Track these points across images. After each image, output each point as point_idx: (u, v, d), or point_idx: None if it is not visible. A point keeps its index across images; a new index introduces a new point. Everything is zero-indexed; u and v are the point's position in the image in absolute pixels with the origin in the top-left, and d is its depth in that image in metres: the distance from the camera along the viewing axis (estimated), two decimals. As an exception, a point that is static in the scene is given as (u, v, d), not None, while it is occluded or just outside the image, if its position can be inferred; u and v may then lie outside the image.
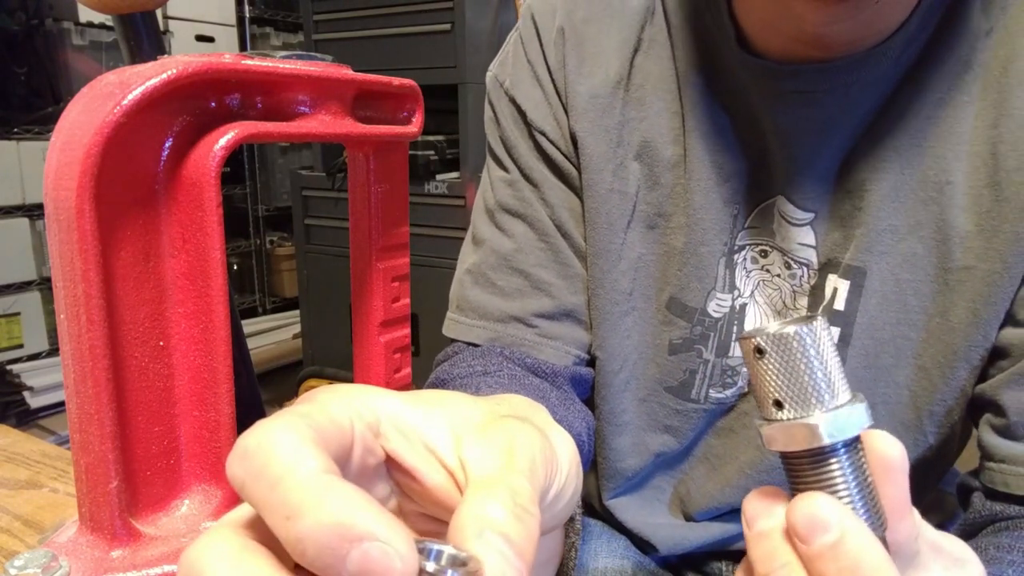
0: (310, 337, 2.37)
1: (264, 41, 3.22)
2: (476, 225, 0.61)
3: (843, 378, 0.25)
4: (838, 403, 0.24)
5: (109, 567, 0.33)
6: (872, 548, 0.23)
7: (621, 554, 0.62)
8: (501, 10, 1.99)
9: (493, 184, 0.60)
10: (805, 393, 0.24)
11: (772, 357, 0.24)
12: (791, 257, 0.54)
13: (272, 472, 0.19)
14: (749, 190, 0.54)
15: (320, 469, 0.19)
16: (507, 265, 0.57)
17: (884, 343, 0.51)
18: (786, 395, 0.25)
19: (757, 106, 0.51)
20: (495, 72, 0.61)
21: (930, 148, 0.48)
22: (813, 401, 0.24)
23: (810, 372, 0.24)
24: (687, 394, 0.57)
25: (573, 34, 0.56)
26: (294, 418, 0.20)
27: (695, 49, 0.54)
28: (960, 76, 0.48)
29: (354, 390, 0.24)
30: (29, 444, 0.60)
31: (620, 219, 0.55)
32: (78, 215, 0.31)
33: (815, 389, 0.24)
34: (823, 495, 0.24)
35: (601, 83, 0.55)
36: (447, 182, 1.97)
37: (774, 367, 0.25)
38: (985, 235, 0.47)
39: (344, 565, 0.18)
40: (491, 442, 0.23)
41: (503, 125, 0.59)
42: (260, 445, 0.19)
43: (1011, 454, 0.47)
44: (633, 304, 0.57)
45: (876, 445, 0.25)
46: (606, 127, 0.55)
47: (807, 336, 0.24)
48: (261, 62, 0.37)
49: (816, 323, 0.24)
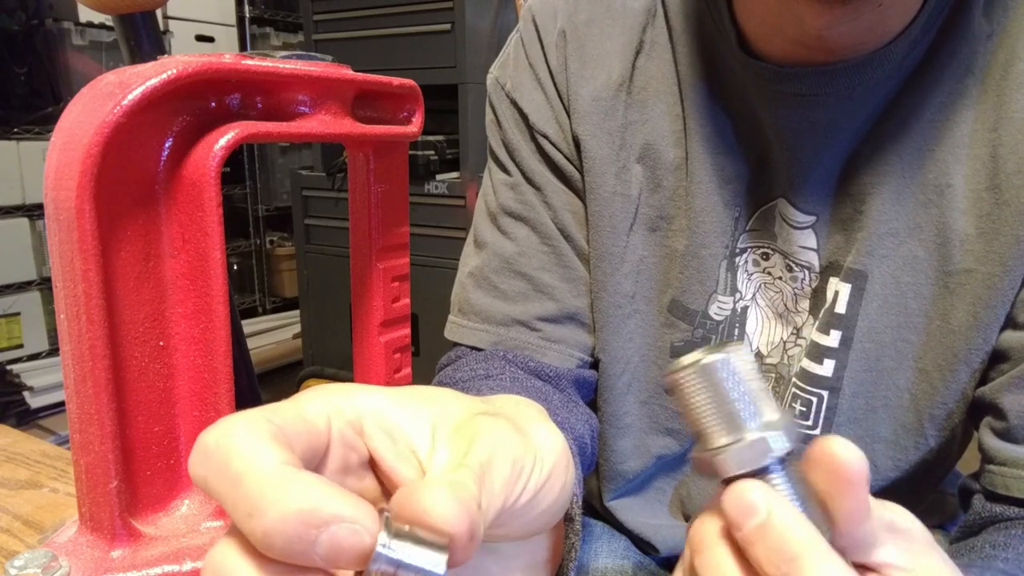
0: (310, 337, 2.37)
1: (264, 41, 3.21)
2: (478, 228, 0.61)
3: (767, 400, 0.25)
4: (754, 429, 0.24)
5: (109, 567, 0.33)
6: (799, 525, 0.23)
7: (622, 554, 0.62)
8: (501, 10, 1.98)
9: (495, 187, 0.60)
10: (725, 421, 0.24)
11: (688, 389, 0.25)
12: (793, 260, 0.53)
13: (232, 470, 0.19)
14: (750, 193, 0.54)
15: (278, 461, 0.19)
16: (510, 268, 0.57)
17: (885, 346, 0.51)
18: (708, 424, 0.25)
19: (758, 109, 0.51)
20: (496, 74, 0.61)
21: (931, 151, 0.48)
22: (733, 427, 0.24)
23: (727, 400, 0.24)
24: None
25: (575, 36, 0.56)
26: (254, 415, 0.20)
27: (696, 52, 0.54)
28: (961, 79, 0.48)
29: (338, 388, 0.24)
30: (29, 444, 0.60)
31: (623, 222, 0.55)
32: (78, 215, 0.31)
33: (733, 416, 0.24)
34: (752, 481, 0.24)
35: (603, 86, 0.55)
36: (447, 182, 1.97)
37: (693, 398, 0.25)
38: (985, 238, 0.47)
39: (314, 550, 0.18)
40: (455, 442, 0.24)
41: (505, 128, 0.59)
42: (219, 443, 0.19)
43: (1011, 457, 0.47)
44: (635, 307, 0.57)
45: (833, 452, 0.24)
46: (609, 130, 0.55)
47: (719, 367, 0.24)
48: (261, 62, 0.37)
49: (728, 351, 0.24)
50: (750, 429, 0.24)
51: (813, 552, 0.23)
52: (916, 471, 0.54)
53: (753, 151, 0.53)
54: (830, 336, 0.52)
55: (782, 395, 0.56)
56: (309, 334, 2.37)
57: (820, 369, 0.53)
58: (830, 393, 0.52)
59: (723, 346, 0.25)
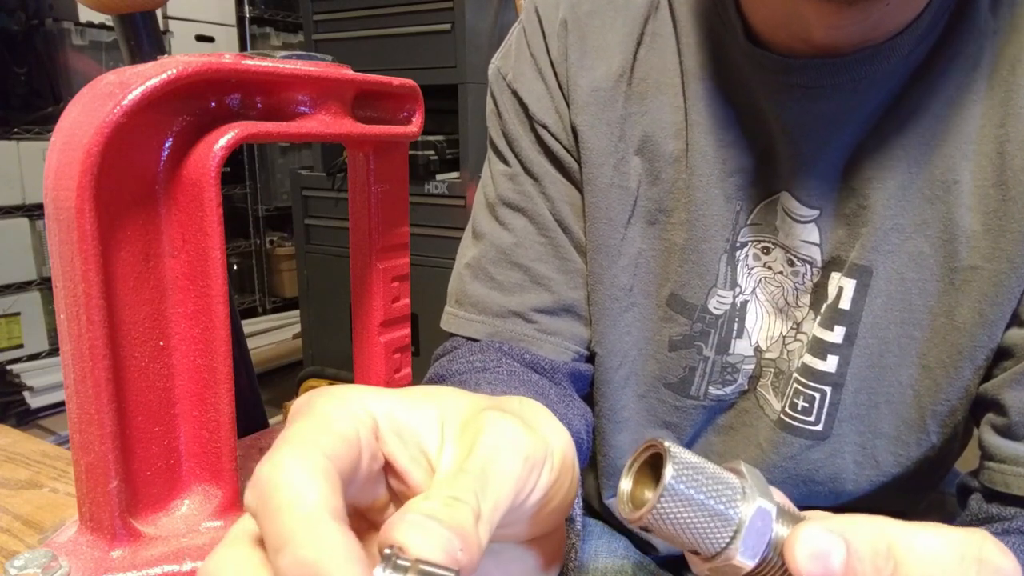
0: (310, 337, 2.37)
1: (264, 41, 3.22)
2: (476, 219, 0.61)
3: (731, 493, 0.24)
4: (742, 514, 0.24)
5: (109, 567, 0.33)
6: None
7: (621, 554, 0.62)
8: (501, 10, 1.98)
9: (494, 177, 0.60)
10: (703, 539, 0.24)
11: (660, 524, 0.24)
12: (794, 254, 0.53)
13: (273, 504, 0.19)
14: (753, 186, 0.54)
15: (317, 505, 0.19)
16: (507, 259, 0.57)
17: (889, 342, 0.51)
18: (700, 534, 0.24)
19: (763, 100, 0.51)
20: (498, 64, 0.61)
21: (937, 147, 0.48)
22: (718, 539, 0.24)
23: (694, 523, 0.24)
24: (687, 390, 0.57)
25: (576, 27, 0.56)
26: (307, 448, 0.21)
27: (700, 43, 0.54)
28: (968, 75, 0.47)
29: (351, 394, 0.24)
30: (29, 444, 0.60)
31: (621, 214, 0.55)
32: (78, 215, 0.31)
33: (709, 532, 0.24)
34: (808, 529, 0.23)
35: (603, 77, 0.55)
36: (447, 182, 1.97)
37: (666, 530, 0.24)
38: (992, 235, 0.47)
39: None
40: (462, 439, 0.24)
41: (505, 118, 0.59)
42: (269, 477, 0.20)
43: (1012, 454, 0.47)
44: (633, 300, 0.57)
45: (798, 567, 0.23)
46: (607, 121, 0.55)
47: (677, 482, 0.23)
48: (261, 62, 0.37)
49: (670, 460, 0.23)
50: (741, 510, 0.24)
51: None
52: (918, 467, 0.54)
53: (757, 144, 0.53)
54: (834, 332, 0.52)
55: (783, 390, 0.56)
56: (309, 334, 2.37)
57: (823, 365, 0.52)
58: (833, 389, 0.52)
59: (644, 453, 0.24)
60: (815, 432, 0.54)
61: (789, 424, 0.55)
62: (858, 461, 0.54)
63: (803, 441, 0.54)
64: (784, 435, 0.55)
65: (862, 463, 0.54)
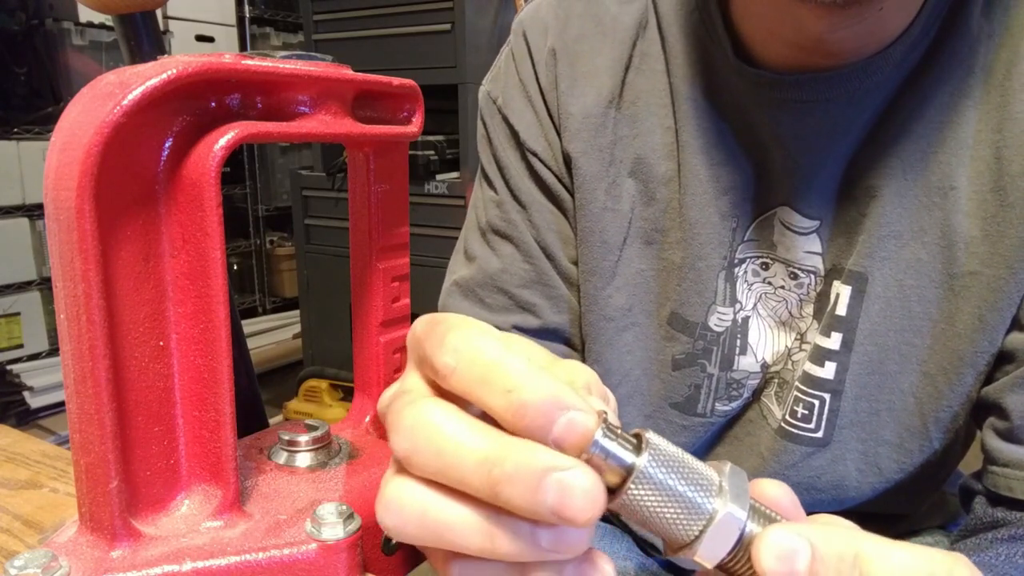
0: (310, 337, 2.37)
1: (264, 41, 3.22)
2: (468, 240, 0.62)
3: (706, 485, 0.24)
4: (713, 510, 0.24)
5: (109, 567, 0.33)
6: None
7: (624, 555, 0.62)
8: (501, 10, 1.98)
9: (485, 203, 0.61)
10: (672, 528, 0.24)
11: (640, 501, 0.24)
12: (797, 267, 0.53)
13: (488, 357, 0.24)
14: (748, 203, 0.54)
15: (525, 359, 0.24)
16: (493, 284, 0.58)
17: (888, 349, 0.51)
18: (672, 521, 0.24)
19: (756, 116, 0.51)
20: (488, 88, 0.61)
21: (934, 153, 0.48)
22: (686, 530, 0.24)
23: (663, 511, 0.24)
24: (693, 409, 0.57)
25: (565, 54, 0.56)
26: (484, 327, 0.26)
27: (690, 62, 0.54)
28: (963, 80, 0.47)
29: (472, 324, 0.27)
30: (29, 444, 0.60)
31: (615, 237, 0.56)
32: (78, 215, 0.31)
33: (678, 521, 0.24)
34: (777, 530, 0.24)
35: (593, 102, 0.55)
36: (447, 182, 1.97)
37: (637, 514, 0.24)
38: (990, 240, 0.47)
39: (551, 428, 0.22)
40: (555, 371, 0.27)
41: (496, 144, 0.59)
42: (469, 339, 0.24)
43: (1015, 458, 0.46)
44: (633, 319, 0.57)
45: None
46: (599, 146, 0.55)
47: (640, 485, 0.24)
48: (261, 62, 0.37)
49: (647, 445, 0.24)
50: (713, 506, 0.24)
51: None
52: (920, 473, 0.53)
53: (750, 160, 0.53)
54: (831, 338, 0.52)
55: (785, 399, 0.55)
56: (309, 334, 2.37)
57: (821, 372, 0.52)
58: (832, 396, 0.52)
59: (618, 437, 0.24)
60: (815, 439, 0.54)
61: (789, 432, 0.55)
62: (860, 468, 0.54)
63: (804, 449, 0.54)
64: (784, 443, 0.55)
65: (864, 470, 0.54)
